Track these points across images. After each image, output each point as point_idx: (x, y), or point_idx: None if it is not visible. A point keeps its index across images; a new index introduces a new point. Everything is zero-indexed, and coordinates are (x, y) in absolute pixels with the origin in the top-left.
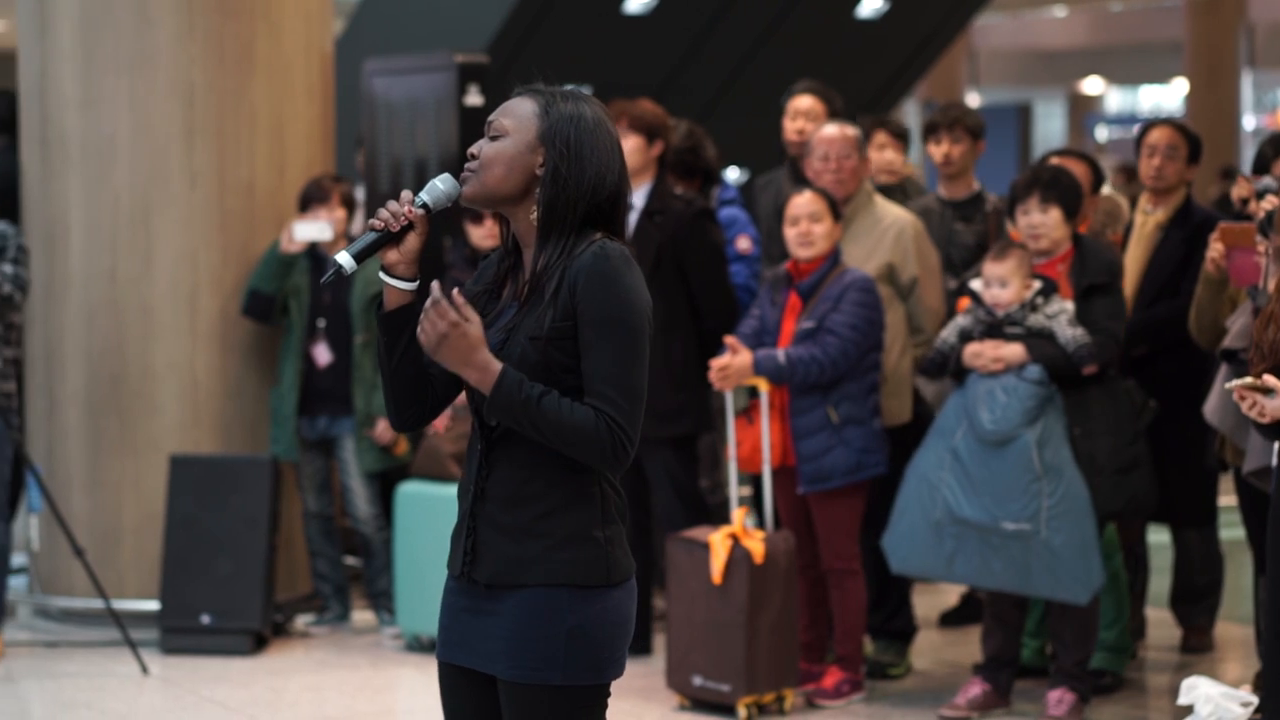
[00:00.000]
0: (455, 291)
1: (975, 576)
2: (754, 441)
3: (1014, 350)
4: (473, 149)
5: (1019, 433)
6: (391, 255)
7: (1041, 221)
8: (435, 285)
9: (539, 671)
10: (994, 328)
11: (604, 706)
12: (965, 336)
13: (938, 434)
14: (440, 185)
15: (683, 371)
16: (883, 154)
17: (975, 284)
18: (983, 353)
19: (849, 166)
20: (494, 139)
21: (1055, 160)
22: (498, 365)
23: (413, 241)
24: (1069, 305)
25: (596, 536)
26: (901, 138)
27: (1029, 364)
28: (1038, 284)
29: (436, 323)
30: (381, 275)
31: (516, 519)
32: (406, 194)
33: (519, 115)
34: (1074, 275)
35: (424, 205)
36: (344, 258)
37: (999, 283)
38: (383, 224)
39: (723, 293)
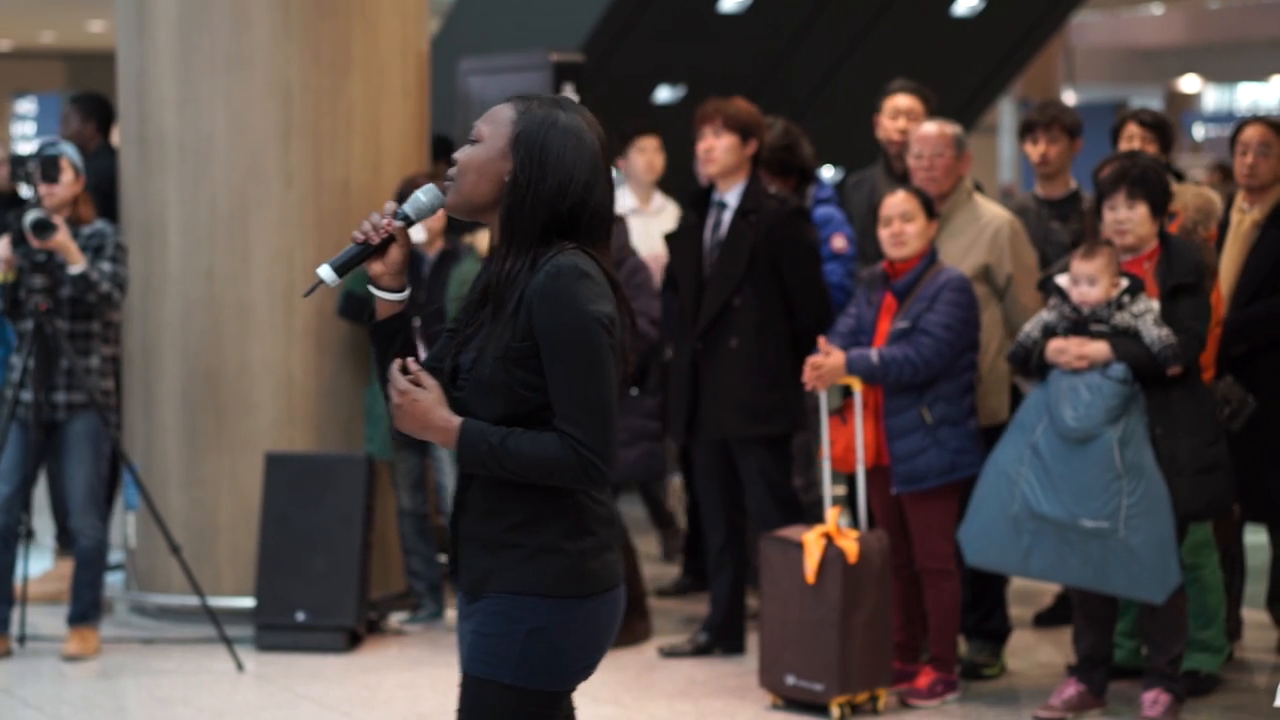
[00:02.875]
0: (410, 361)
1: (1051, 572)
2: (847, 441)
3: (1099, 348)
4: (456, 154)
5: (1101, 431)
6: (376, 268)
7: (1128, 217)
8: (394, 364)
9: (491, 667)
10: (1079, 324)
11: (555, 715)
12: (1049, 332)
13: (1018, 429)
14: (422, 197)
15: (776, 371)
16: None
17: (1061, 279)
18: (1067, 349)
19: (941, 165)
20: (472, 144)
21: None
22: (457, 422)
23: (395, 253)
24: (1155, 304)
25: (567, 548)
26: None
27: (1113, 362)
28: (1125, 282)
29: (391, 395)
30: (370, 289)
31: (491, 530)
32: (389, 205)
33: (496, 121)
34: (1160, 274)
35: (405, 217)
36: (325, 271)
37: (1088, 280)
38: (364, 237)
39: (817, 292)
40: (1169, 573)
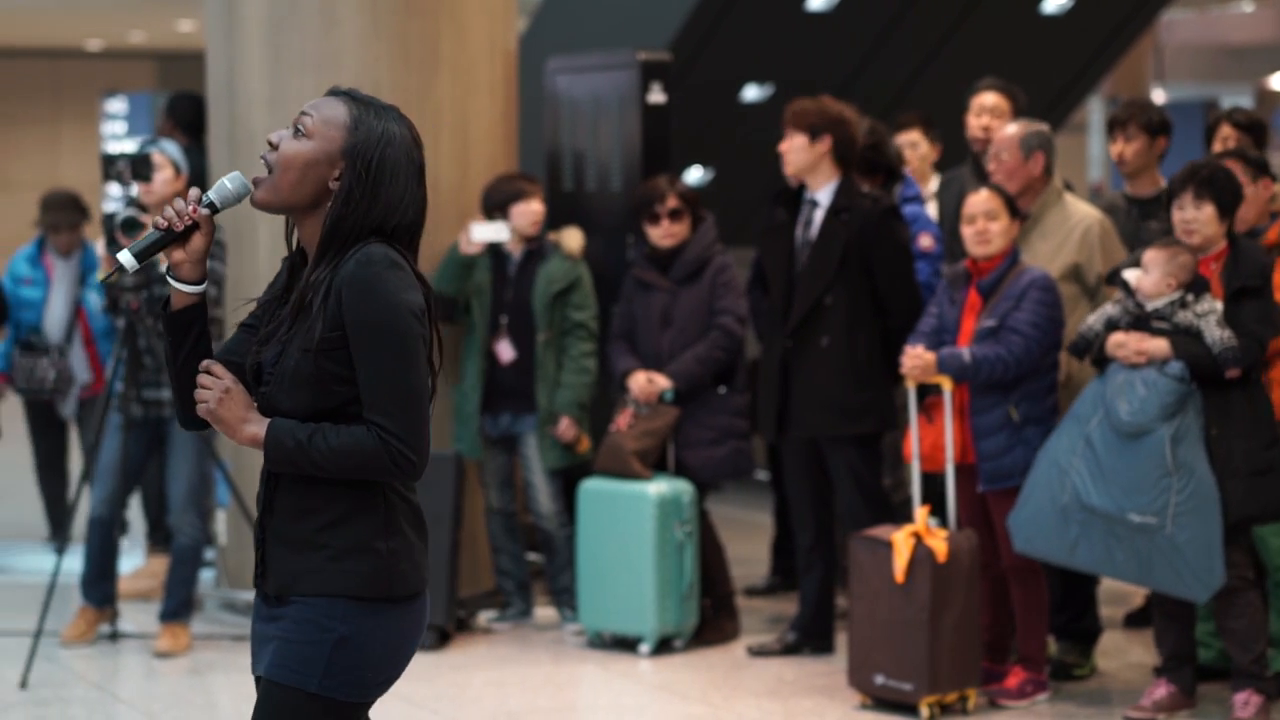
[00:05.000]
0: (214, 364)
1: (1097, 564)
2: (934, 439)
3: (1158, 345)
4: (273, 136)
5: (1154, 427)
6: (177, 255)
7: (1194, 217)
8: (206, 362)
9: (297, 674)
10: (1141, 320)
11: None
12: (1111, 325)
13: (1073, 420)
14: (229, 185)
15: (867, 369)
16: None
17: (1128, 274)
18: (1126, 344)
19: (1004, 167)
20: (296, 135)
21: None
22: (266, 421)
23: (198, 241)
24: (1219, 305)
25: (379, 548)
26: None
27: (1172, 360)
28: (1173, 281)
29: (216, 383)
30: (168, 278)
31: (300, 531)
32: (194, 193)
33: (328, 119)
34: (1226, 275)
35: (210, 205)
36: (125, 257)
37: (1143, 269)
38: (166, 223)
39: (908, 290)
40: (1213, 573)
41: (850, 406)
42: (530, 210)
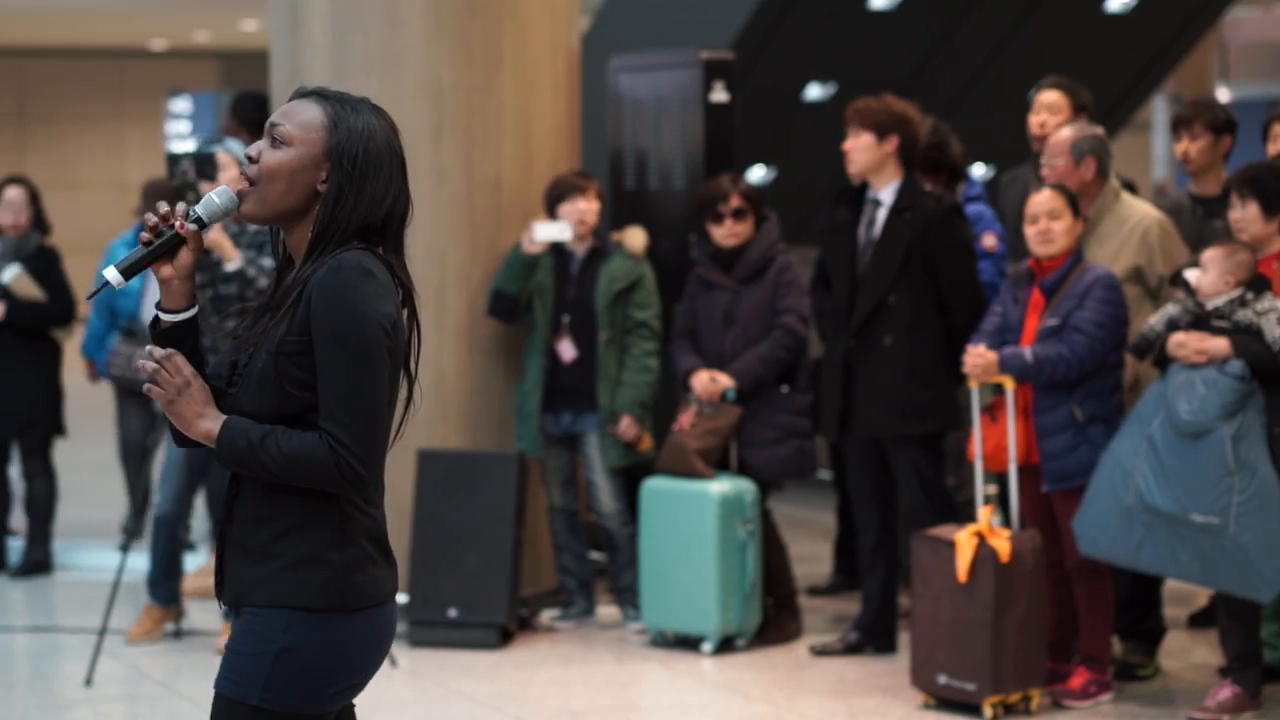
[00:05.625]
0: (170, 353)
1: (1162, 565)
2: (998, 439)
3: (1218, 344)
4: (251, 150)
5: (1215, 426)
6: (165, 271)
7: (1240, 216)
8: (167, 352)
9: (240, 687)
10: (1201, 319)
11: None
12: (1173, 325)
13: (1135, 421)
14: (216, 199)
15: (930, 369)
16: None
17: (1189, 274)
18: (1186, 343)
19: (1057, 170)
20: (275, 145)
21: None
22: (222, 418)
23: (186, 257)
24: (1279, 304)
25: (331, 559)
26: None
27: (1232, 359)
28: (1235, 278)
29: (177, 372)
30: (155, 309)
31: (256, 539)
32: (181, 207)
33: (305, 124)
34: None
35: (198, 220)
36: (111, 273)
37: (1202, 268)
38: (151, 238)
39: (972, 290)
40: (1278, 573)
41: (913, 406)
42: (575, 209)
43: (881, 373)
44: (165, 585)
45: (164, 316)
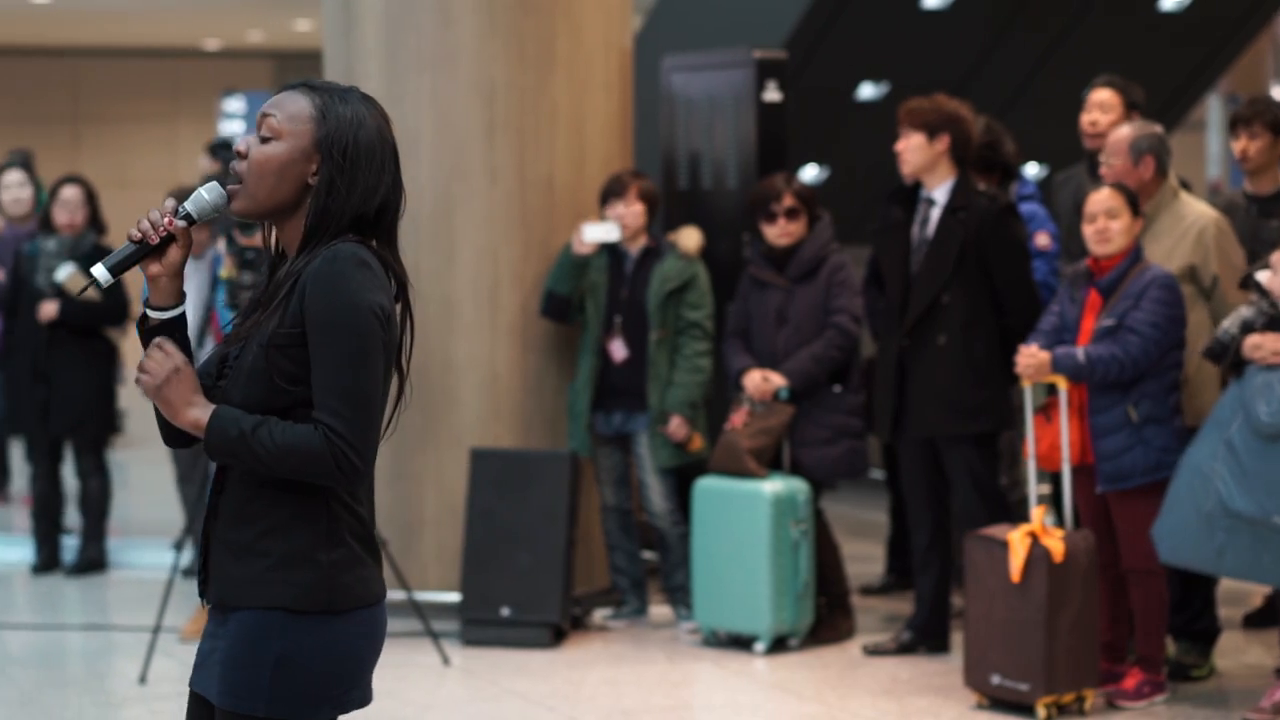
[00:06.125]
0: (160, 339)
1: (1245, 570)
2: (1052, 439)
3: None
4: (240, 145)
5: None
6: (154, 268)
7: None
8: (158, 339)
9: (244, 700)
10: (1276, 320)
11: None
12: (1247, 328)
13: (1213, 425)
14: (206, 195)
15: (984, 368)
16: None
17: (1261, 275)
18: (1263, 345)
19: (1115, 170)
20: (264, 140)
21: None
22: (211, 407)
23: (175, 254)
24: None
25: (320, 559)
26: None
27: None
28: None
29: (165, 360)
30: (144, 306)
31: (241, 537)
32: (169, 203)
33: (293, 116)
34: None
35: (187, 216)
36: (99, 271)
37: (1273, 269)
38: (141, 235)
39: (1026, 290)
40: None
41: (967, 406)
42: (615, 212)
43: (935, 372)
44: None
45: (152, 314)
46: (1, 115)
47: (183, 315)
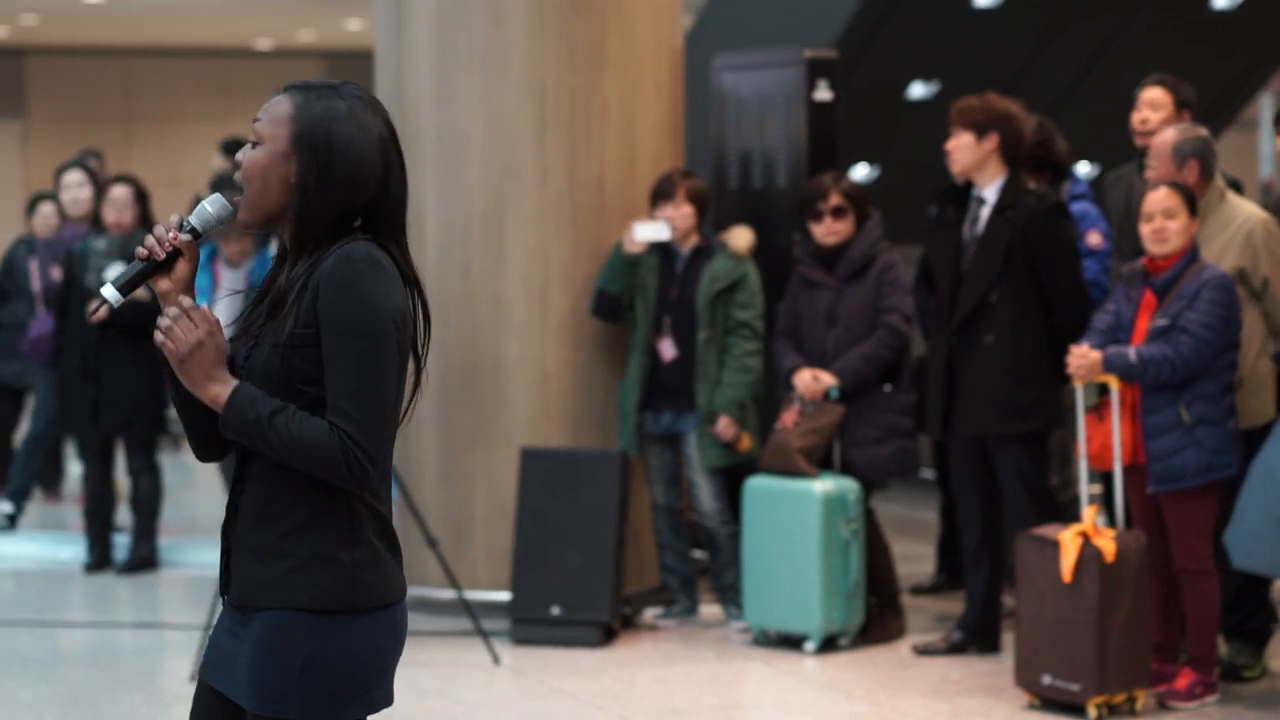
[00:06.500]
0: (206, 308)
1: None
2: (1104, 439)
3: None
4: (239, 155)
5: None
6: (163, 284)
7: None
8: (184, 299)
9: (275, 704)
10: None
11: None
12: None
13: None
14: (209, 208)
15: (1032, 368)
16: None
17: None
18: None
19: (1160, 173)
20: (253, 146)
21: None
22: (233, 382)
23: (183, 269)
24: None
25: (342, 559)
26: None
27: None
28: None
29: (192, 330)
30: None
31: (263, 538)
32: (174, 219)
33: (275, 119)
34: None
35: (191, 230)
36: (109, 291)
37: None
38: (148, 252)
39: (1074, 289)
40: None
41: (1014, 405)
42: (665, 214)
43: (982, 371)
44: None
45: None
46: (54, 115)
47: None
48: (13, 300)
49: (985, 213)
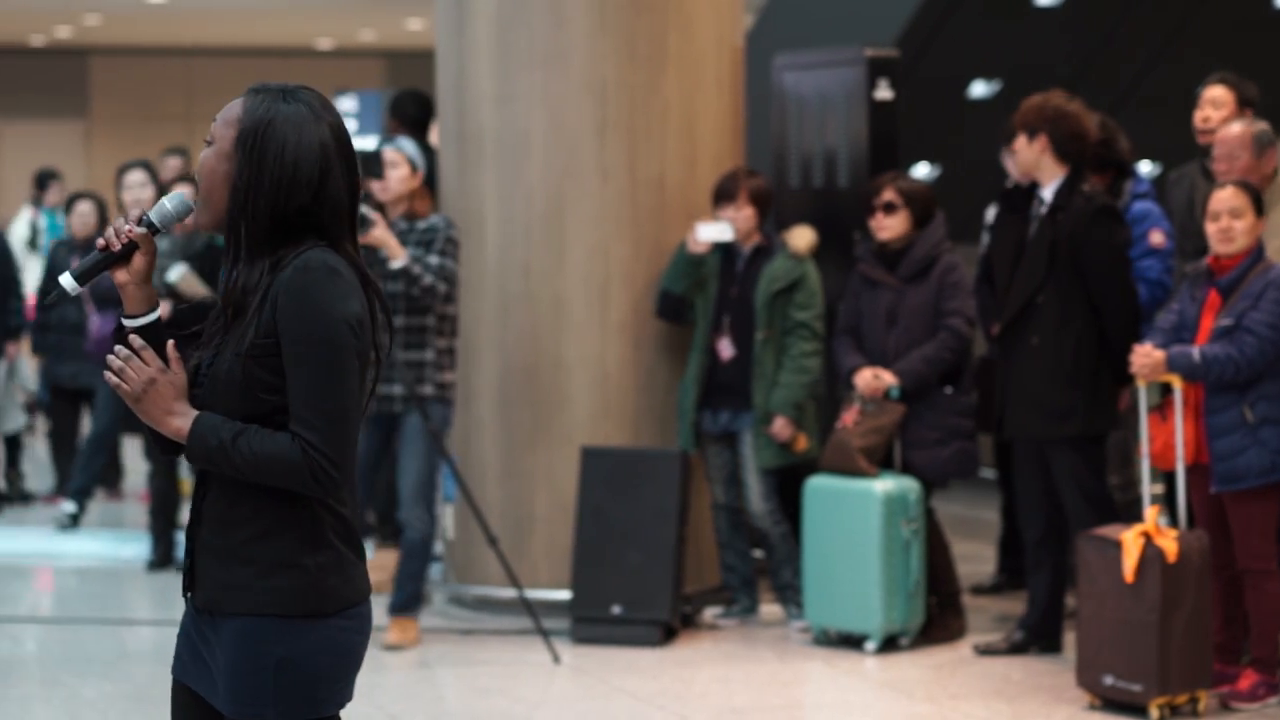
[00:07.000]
0: (170, 344)
1: None
2: (1167, 438)
3: None
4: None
5: None
6: (120, 275)
7: None
8: (135, 339)
9: (251, 707)
10: None
11: None
12: None
13: None
14: (168, 205)
15: (1073, 371)
16: None
17: None
18: None
19: (1239, 167)
20: (209, 144)
21: None
22: (193, 414)
23: (139, 261)
24: None
25: (306, 564)
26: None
27: None
28: None
29: (144, 369)
30: (121, 318)
31: (226, 542)
32: (135, 212)
33: (226, 121)
34: None
35: (149, 224)
36: (66, 279)
37: None
38: (105, 243)
39: (1118, 292)
40: None
41: (1055, 408)
42: (727, 215)
43: (1027, 373)
44: None
45: (127, 322)
46: (116, 114)
47: (157, 320)
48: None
49: (1042, 213)
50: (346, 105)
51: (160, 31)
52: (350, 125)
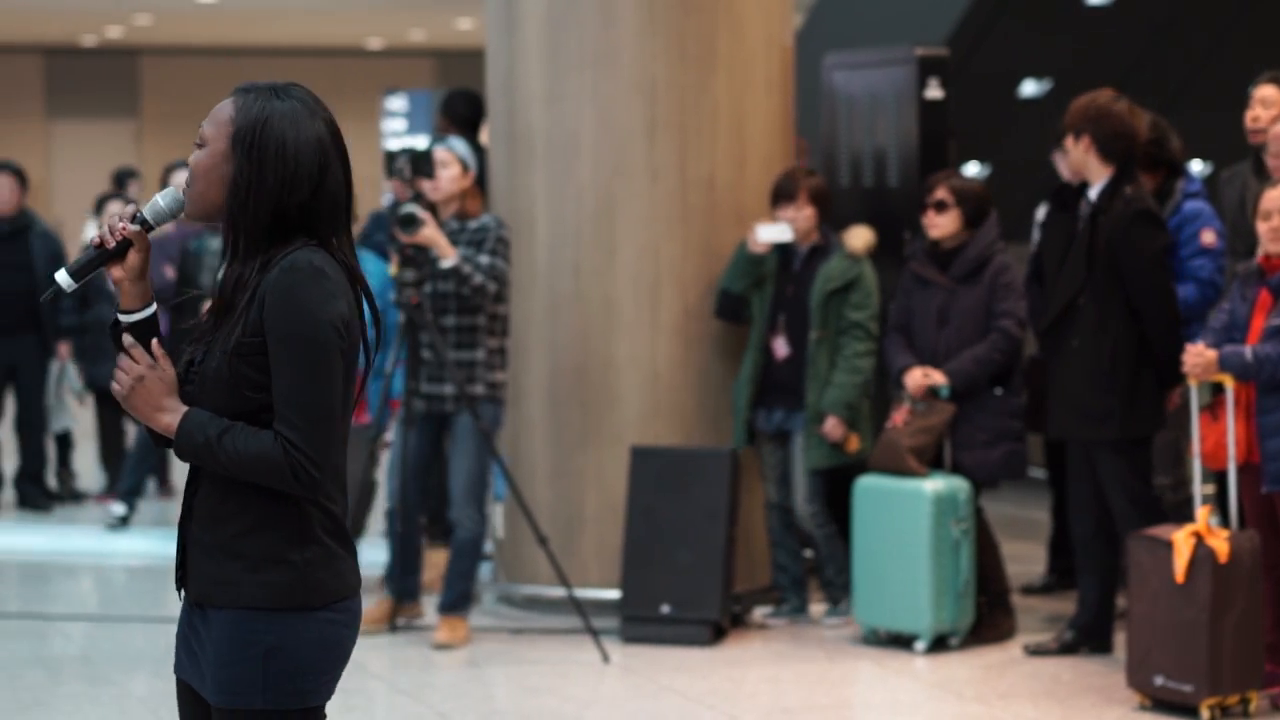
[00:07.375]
0: (154, 342)
1: None
2: (1218, 438)
3: None
4: (191, 157)
5: None
6: (116, 273)
7: None
8: (127, 336)
9: (240, 696)
10: None
11: None
12: None
13: None
14: (161, 201)
15: (1111, 374)
16: None
17: None
18: None
19: None
20: (199, 147)
21: None
22: (182, 410)
23: (134, 258)
24: None
25: (293, 559)
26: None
27: None
28: None
29: (132, 367)
30: (114, 313)
31: (216, 537)
32: (129, 209)
33: (218, 120)
34: None
35: (142, 221)
36: (62, 276)
37: None
38: (99, 240)
39: (1156, 296)
40: None
41: (1093, 411)
42: (787, 215)
43: (1067, 374)
44: (399, 581)
45: (122, 318)
46: (166, 114)
47: (153, 316)
48: (95, 303)
49: (1087, 214)
50: (397, 105)
51: (210, 31)
52: (400, 125)
